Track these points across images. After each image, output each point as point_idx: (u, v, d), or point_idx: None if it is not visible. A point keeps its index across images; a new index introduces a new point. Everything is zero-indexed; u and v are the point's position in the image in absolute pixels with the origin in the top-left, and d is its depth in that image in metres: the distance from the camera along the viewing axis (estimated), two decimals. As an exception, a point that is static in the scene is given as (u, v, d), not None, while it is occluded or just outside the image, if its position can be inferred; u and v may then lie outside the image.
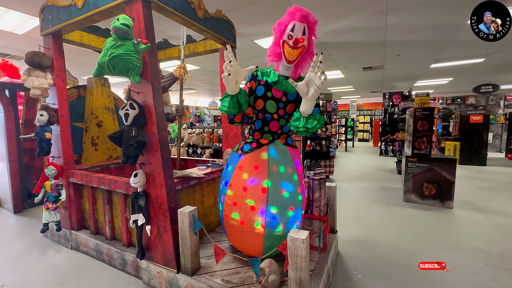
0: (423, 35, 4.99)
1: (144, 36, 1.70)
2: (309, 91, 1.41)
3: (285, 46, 1.47)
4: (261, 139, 1.72)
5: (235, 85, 1.42)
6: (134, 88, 1.83)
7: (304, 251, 1.30)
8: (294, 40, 1.43)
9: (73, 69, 7.32)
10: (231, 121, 1.65)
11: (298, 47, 1.45)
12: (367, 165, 7.03)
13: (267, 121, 1.68)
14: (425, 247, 2.46)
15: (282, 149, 1.70)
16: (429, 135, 3.89)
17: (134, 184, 1.77)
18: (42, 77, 2.26)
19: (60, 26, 2.18)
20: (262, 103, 1.64)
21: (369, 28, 4.66)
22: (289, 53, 1.47)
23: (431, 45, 5.68)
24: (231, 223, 1.72)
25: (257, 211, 1.60)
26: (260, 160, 1.65)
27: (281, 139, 1.73)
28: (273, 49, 1.55)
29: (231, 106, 1.49)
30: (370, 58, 6.82)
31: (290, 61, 1.51)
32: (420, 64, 7.48)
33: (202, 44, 2.95)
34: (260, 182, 1.61)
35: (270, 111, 1.64)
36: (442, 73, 8.79)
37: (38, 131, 2.29)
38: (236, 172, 1.69)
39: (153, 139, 1.77)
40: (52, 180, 2.36)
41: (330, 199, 2.24)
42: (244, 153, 1.71)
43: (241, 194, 1.65)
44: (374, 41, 5.41)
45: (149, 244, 1.89)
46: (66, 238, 2.51)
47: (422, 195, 3.76)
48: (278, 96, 1.61)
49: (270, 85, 1.60)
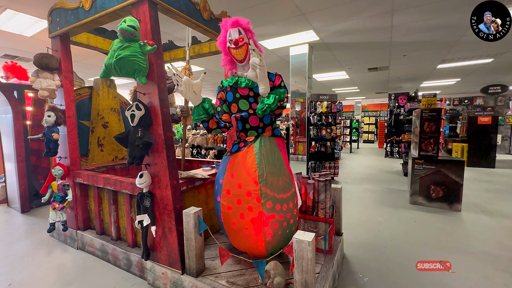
0: (429, 36, 4.94)
1: (151, 37, 1.72)
2: (257, 73, 1.55)
3: (231, 51, 1.66)
4: (247, 137, 1.79)
5: (194, 95, 1.63)
6: (140, 89, 1.84)
7: (310, 254, 1.29)
8: (234, 41, 1.62)
9: (80, 70, 7.43)
10: (208, 129, 1.77)
11: (240, 46, 1.62)
12: (372, 167, 6.97)
13: (245, 119, 1.76)
14: (432, 251, 2.42)
15: (269, 141, 1.76)
16: (436, 136, 3.84)
17: (140, 184, 1.78)
18: (50, 79, 2.30)
19: (67, 28, 2.22)
20: (236, 106, 1.76)
21: (375, 28, 4.64)
22: (236, 53, 1.65)
23: (438, 46, 5.62)
24: (230, 224, 1.73)
25: (252, 205, 1.62)
26: (249, 156, 1.70)
27: (266, 131, 1.79)
28: (225, 58, 1.74)
29: (198, 114, 1.68)
30: (376, 58, 6.78)
31: (240, 60, 1.68)
32: (427, 64, 7.41)
33: (207, 46, 2.97)
34: (251, 177, 1.64)
35: (244, 109, 1.74)
36: (449, 73, 8.69)
37: (46, 132, 2.32)
38: (228, 173, 1.74)
39: (158, 140, 1.78)
40: (59, 180, 2.39)
41: (335, 201, 2.22)
42: (233, 153, 1.77)
43: (235, 193, 1.68)
44: (379, 42, 5.38)
45: (154, 245, 1.90)
46: (72, 238, 2.54)
47: (429, 198, 3.71)
48: (245, 93, 1.72)
49: (235, 88, 1.73)
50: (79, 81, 4.81)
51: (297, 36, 5.04)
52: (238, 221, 1.68)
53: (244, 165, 1.69)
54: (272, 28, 4.61)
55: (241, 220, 1.67)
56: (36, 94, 3.52)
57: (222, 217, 1.77)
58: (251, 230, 1.64)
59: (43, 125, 2.33)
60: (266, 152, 1.70)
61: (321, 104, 5.41)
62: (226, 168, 1.76)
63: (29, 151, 3.68)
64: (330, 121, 5.38)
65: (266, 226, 1.61)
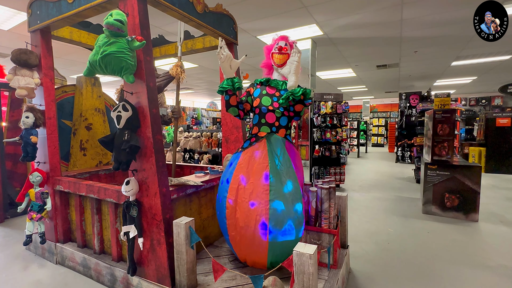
0: (442, 30, 5.01)
1: (139, 32, 1.74)
2: (291, 68, 1.82)
3: (274, 56, 2.01)
4: (259, 132, 1.97)
5: (229, 69, 1.87)
6: (127, 88, 1.86)
7: (312, 268, 1.30)
8: (279, 47, 1.99)
9: (62, 67, 7.45)
10: (227, 103, 1.96)
11: (283, 53, 1.98)
12: (381, 173, 6.99)
13: (263, 113, 1.98)
14: (447, 265, 2.43)
15: (282, 141, 1.95)
16: (451, 139, 3.87)
17: (126, 192, 1.79)
18: (29, 76, 2.31)
19: (49, 22, 2.24)
20: (258, 100, 2.02)
21: (383, 22, 4.70)
22: (278, 58, 1.99)
23: (451, 41, 5.70)
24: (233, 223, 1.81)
25: (260, 207, 1.72)
26: (260, 152, 1.87)
27: (280, 132, 1.97)
28: (266, 61, 2.12)
29: (226, 84, 1.89)
30: (385, 55, 6.85)
31: (279, 65, 2.00)
32: (440, 61, 7.49)
33: (200, 41, 3.00)
34: (262, 175, 1.78)
35: (265, 104, 1.98)
36: (465, 71, 8.77)
37: (23, 135, 2.32)
38: (237, 169, 1.88)
39: (147, 143, 1.79)
40: (37, 188, 2.39)
41: (340, 210, 2.23)
42: (244, 149, 1.94)
43: (243, 192, 1.79)
44: (388, 37, 5.45)
45: (141, 258, 1.89)
46: (51, 252, 2.53)
47: (443, 207, 3.72)
48: (271, 92, 2.02)
49: (265, 85, 2.06)
50: (61, 79, 4.82)
51: (299, 30, 5.09)
52: (243, 220, 1.76)
53: (255, 160, 1.85)
54: (271, 22, 4.66)
55: (246, 219, 1.75)
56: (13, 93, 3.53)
57: (226, 215, 1.85)
58: (256, 231, 1.72)
59: (21, 127, 2.34)
60: (278, 149, 1.89)
61: (325, 104, 5.45)
62: (237, 164, 1.91)
63: (4, 155, 3.67)
64: (335, 122, 5.41)
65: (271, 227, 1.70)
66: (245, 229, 1.77)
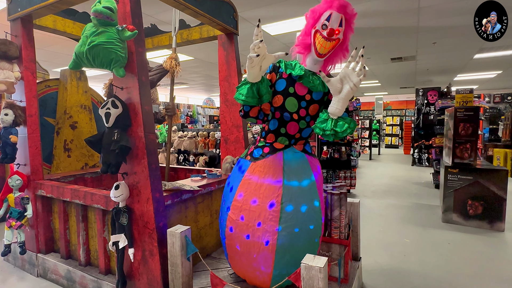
0: (464, 19, 4.99)
1: (130, 21, 1.74)
2: (343, 89, 1.45)
3: (317, 37, 1.51)
4: (275, 142, 1.74)
5: (259, 71, 1.44)
6: (117, 82, 1.86)
7: (322, 282, 1.29)
8: (329, 31, 1.46)
9: (44, 60, 7.47)
10: (246, 114, 1.65)
11: (332, 39, 1.48)
12: (396, 177, 6.98)
13: (285, 122, 1.70)
14: (470, 280, 2.42)
15: (301, 157, 1.73)
16: (474, 140, 3.86)
17: (115, 198, 1.78)
18: (8, 70, 2.32)
19: (31, 10, 2.24)
20: (281, 100, 1.66)
21: (399, 11, 4.68)
22: (322, 45, 1.50)
23: (474, 31, 5.68)
24: (233, 245, 1.72)
25: (268, 229, 1.59)
26: (273, 169, 1.66)
27: (298, 145, 1.76)
28: (303, 39, 1.58)
29: (250, 96, 1.50)
30: (400, 47, 6.83)
31: (321, 55, 1.54)
32: (461, 54, 7.46)
33: (197, 31, 3.00)
34: (273, 197, 1.61)
35: (289, 109, 1.66)
36: (489, 65, 8.75)
37: (2, 134, 2.33)
38: (244, 181, 1.71)
39: (138, 144, 1.79)
40: (17, 193, 2.39)
41: (352, 218, 2.22)
42: (255, 159, 1.74)
43: (249, 208, 1.65)
44: (404, 27, 5.43)
45: (131, 271, 1.89)
46: (32, 263, 2.53)
47: (465, 215, 3.71)
48: (302, 93, 1.64)
49: (294, 80, 1.63)
50: (43, 73, 4.84)
51: (305, 19, 5.08)
52: (246, 242, 1.66)
53: (266, 179, 1.65)
54: (274, 9, 4.66)
55: (249, 241, 1.64)
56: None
57: (226, 232, 1.75)
58: (259, 258, 1.63)
59: (-1, 126, 2.35)
60: (296, 169, 1.68)
61: (334, 101, 5.44)
62: (244, 175, 1.73)
63: (-20, 156, 3.68)
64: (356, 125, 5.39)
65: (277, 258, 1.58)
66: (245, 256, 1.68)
